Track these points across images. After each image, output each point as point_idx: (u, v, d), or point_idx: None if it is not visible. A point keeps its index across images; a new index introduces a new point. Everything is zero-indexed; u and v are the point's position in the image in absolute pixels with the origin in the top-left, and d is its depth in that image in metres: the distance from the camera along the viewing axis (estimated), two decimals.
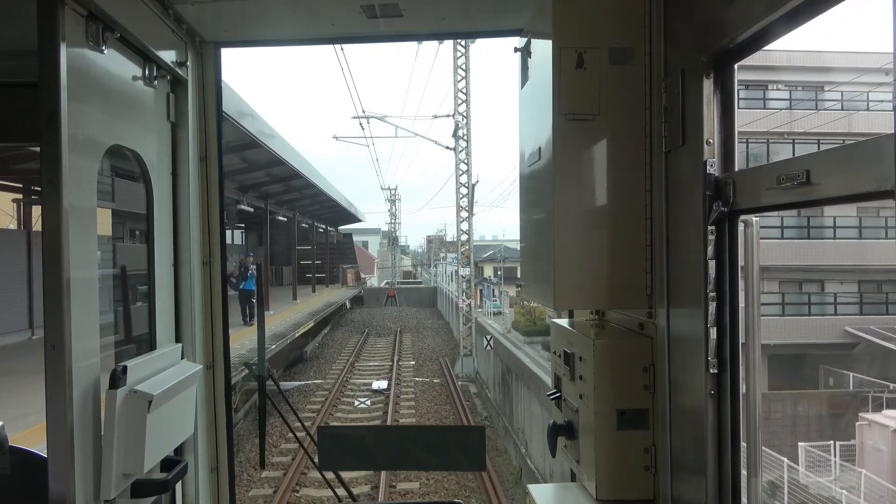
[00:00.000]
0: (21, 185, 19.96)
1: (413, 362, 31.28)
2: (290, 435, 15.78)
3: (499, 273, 56.05)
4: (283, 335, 21.68)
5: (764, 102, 30.88)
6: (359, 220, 57.03)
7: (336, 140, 41.98)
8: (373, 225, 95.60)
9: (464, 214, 34.12)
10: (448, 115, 34.37)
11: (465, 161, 33.71)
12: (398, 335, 41.22)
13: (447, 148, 35.05)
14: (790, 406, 23.64)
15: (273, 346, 19.54)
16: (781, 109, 29.55)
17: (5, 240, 19.79)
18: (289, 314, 27.87)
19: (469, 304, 32.75)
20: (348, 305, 52.63)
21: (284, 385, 23.24)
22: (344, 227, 62.93)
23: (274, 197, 30.59)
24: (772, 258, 28.70)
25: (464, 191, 33.93)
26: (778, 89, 31.60)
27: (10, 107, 2.89)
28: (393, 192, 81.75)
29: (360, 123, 37.27)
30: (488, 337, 26.84)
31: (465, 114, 33.29)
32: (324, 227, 51.38)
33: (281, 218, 35.31)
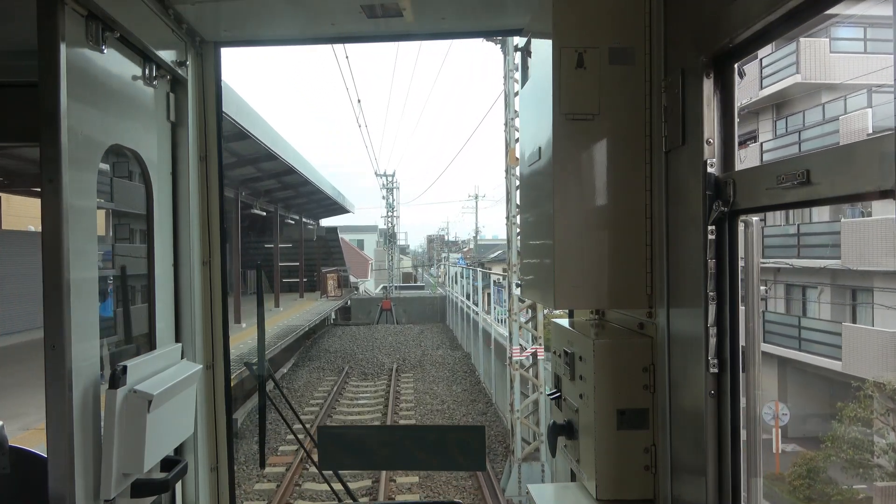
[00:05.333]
0: None
1: None
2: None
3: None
4: None
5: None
6: (346, 212, 46.55)
7: None
8: (369, 222, 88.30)
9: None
10: None
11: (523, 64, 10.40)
12: (393, 379, 25.04)
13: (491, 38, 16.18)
14: None
15: None
16: None
17: None
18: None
19: (533, 356, 16.61)
20: (333, 317, 40.54)
21: None
22: (329, 221, 50.60)
23: None
24: None
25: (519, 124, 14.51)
26: None
27: (9, 107, 2.89)
28: (390, 179, 68.91)
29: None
30: None
31: None
32: (296, 217, 39.82)
33: None
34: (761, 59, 25.65)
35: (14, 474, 2.53)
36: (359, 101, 59.24)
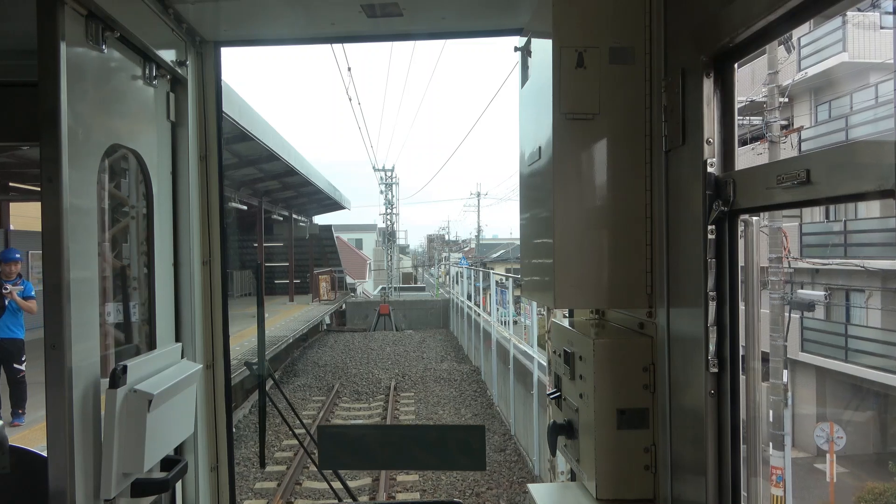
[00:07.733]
0: None
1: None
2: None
3: (520, 281, 39.72)
4: None
5: None
6: (342, 208, 42.51)
7: None
8: (368, 221, 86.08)
9: None
10: None
11: None
12: (391, 399, 21.51)
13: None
14: None
15: None
16: None
17: None
18: None
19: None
20: (327, 322, 36.23)
21: None
22: (324, 218, 45.69)
23: None
24: None
25: None
26: None
27: (9, 106, 2.89)
28: (389, 174, 63.57)
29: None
30: None
31: None
32: (285, 213, 35.72)
33: None
34: (799, 39, 22.92)
35: (14, 474, 2.53)
36: (349, 69, 52.21)
